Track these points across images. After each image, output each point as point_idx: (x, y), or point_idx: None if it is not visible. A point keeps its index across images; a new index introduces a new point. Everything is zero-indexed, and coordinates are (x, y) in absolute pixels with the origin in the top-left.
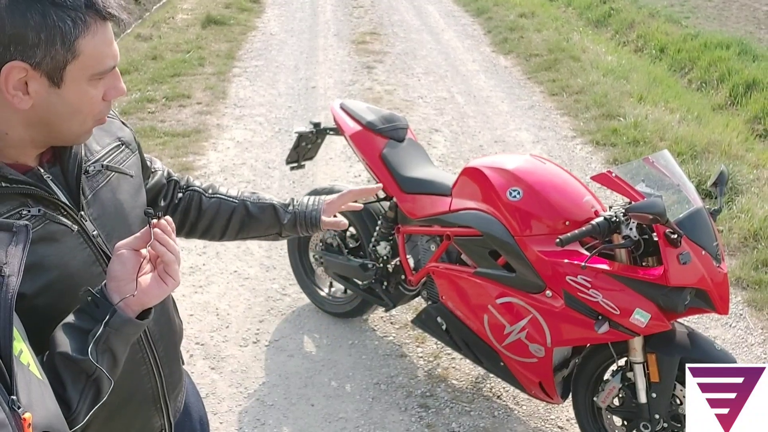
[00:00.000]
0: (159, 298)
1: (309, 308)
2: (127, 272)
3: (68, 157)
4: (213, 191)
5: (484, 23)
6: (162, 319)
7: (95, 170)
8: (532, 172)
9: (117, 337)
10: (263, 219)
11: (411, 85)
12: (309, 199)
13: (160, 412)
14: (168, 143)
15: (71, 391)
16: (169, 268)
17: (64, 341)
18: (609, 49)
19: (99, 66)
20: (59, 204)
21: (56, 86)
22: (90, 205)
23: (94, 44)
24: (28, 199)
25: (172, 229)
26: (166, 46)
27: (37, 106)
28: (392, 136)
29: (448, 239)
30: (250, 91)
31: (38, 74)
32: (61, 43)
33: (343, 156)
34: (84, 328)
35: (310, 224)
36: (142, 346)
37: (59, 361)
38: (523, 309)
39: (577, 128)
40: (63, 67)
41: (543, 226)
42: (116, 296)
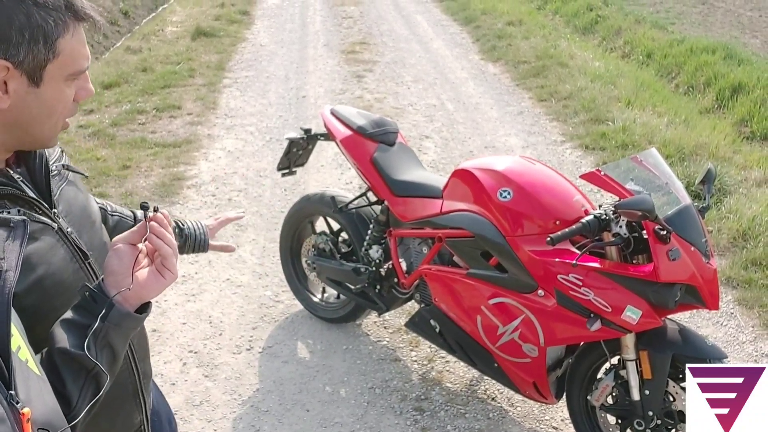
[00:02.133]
0: (157, 292)
1: (302, 314)
2: (123, 266)
3: (33, 158)
4: (112, 210)
5: (473, 32)
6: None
7: (57, 170)
8: (522, 173)
9: (116, 331)
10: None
11: (401, 93)
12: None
13: (139, 407)
14: (159, 154)
15: (71, 387)
16: (166, 262)
17: (63, 337)
18: (596, 55)
19: (75, 66)
20: (34, 203)
21: (35, 85)
22: (59, 203)
23: (71, 44)
24: (5, 200)
25: (168, 223)
26: (156, 58)
27: (14, 107)
28: (383, 140)
29: (439, 241)
30: (241, 101)
31: (19, 73)
32: (43, 42)
33: (334, 163)
34: (83, 324)
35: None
36: None
37: (58, 357)
38: (516, 309)
39: (566, 133)
40: (43, 66)
41: (534, 226)
42: (114, 291)
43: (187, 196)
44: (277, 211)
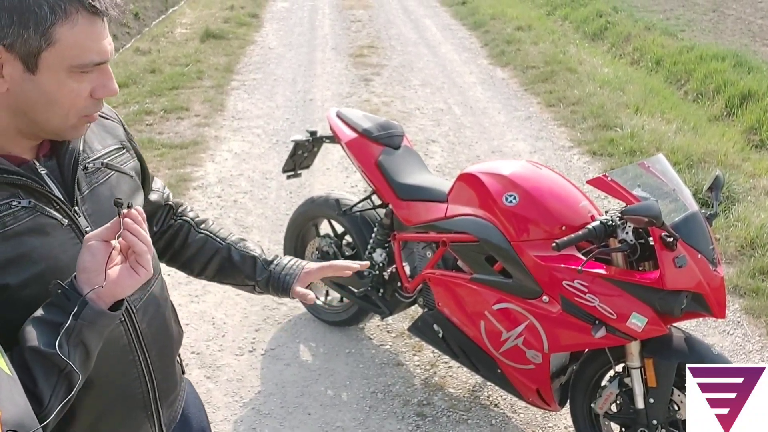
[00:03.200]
0: (131, 289)
1: (305, 317)
2: (96, 263)
3: (64, 152)
4: (204, 227)
5: (481, 36)
6: (155, 323)
7: (95, 167)
8: (528, 178)
9: (89, 330)
10: (242, 269)
11: (408, 96)
12: (289, 261)
13: (151, 420)
14: (166, 155)
15: (43, 386)
16: (140, 258)
17: (33, 335)
18: (605, 61)
19: (79, 59)
20: (51, 197)
21: (31, 72)
22: (85, 201)
23: (73, 35)
24: (19, 190)
25: (143, 219)
26: (165, 59)
27: (13, 92)
28: (388, 143)
29: (444, 245)
30: (248, 103)
31: (12, 57)
32: (34, 27)
33: (339, 167)
34: (55, 322)
35: (281, 289)
36: (133, 348)
37: (30, 355)
38: (520, 315)
39: (574, 138)
40: (37, 53)
41: (539, 231)
42: (86, 288)
43: (193, 197)
44: (282, 213)
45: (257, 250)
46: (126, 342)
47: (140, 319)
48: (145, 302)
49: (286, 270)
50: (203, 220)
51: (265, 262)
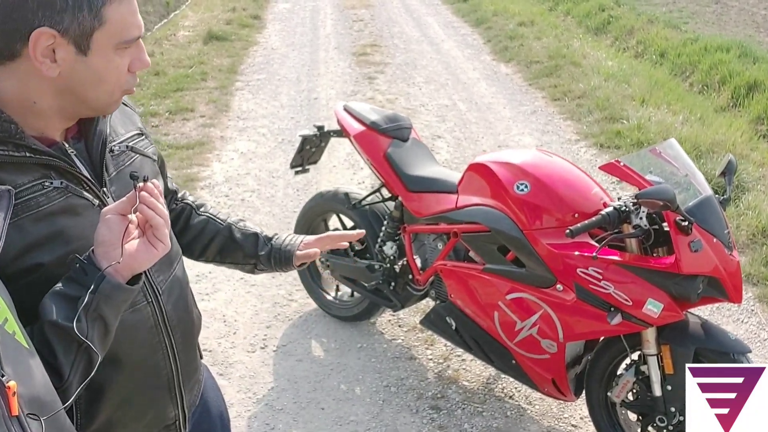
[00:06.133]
0: (149, 263)
1: (316, 313)
2: (113, 236)
3: (93, 134)
4: (204, 210)
5: (484, 33)
6: (180, 305)
7: (120, 150)
8: (539, 166)
9: (107, 303)
10: (244, 246)
11: (412, 93)
12: (288, 236)
13: (174, 401)
14: (172, 155)
15: (62, 359)
16: (157, 232)
17: (52, 309)
18: (609, 54)
19: (125, 34)
20: (82, 178)
21: (83, 54)
22: (113, 182)
23: (120, 12)
24: (51, 171)
25: (159, 193)
26: (169, 62)
27: (65, 74)
28: (396, 135)
29: (455, 236)
30: (253, 103)
31: (66, 41)
32: (88, 9)
33: (346, 164)
34: (73, 296)
35: (283, 260)
36: (159, 331)
37: (49, 329)
38: (534, 304)
39: (580, 132)
40: (90, 34)
41: (552, 219)
42: (104, 262)
43: (200, 196)
44: (289, 210)
45: (257, 228)
46: (153, 324)
47: (166, 301)
48: (170, 284)
49: (286, 242)
50: (203, 203)
51: (266, 238)
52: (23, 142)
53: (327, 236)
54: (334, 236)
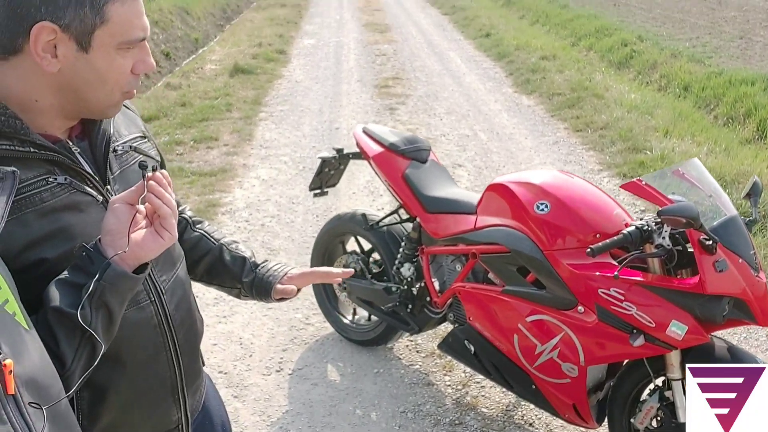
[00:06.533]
0: (155, 252)
1: (333, 337)
2: (120, 225)
3: (96, 133)
4: (200, 226)
5: (506, 66)
6: (183, 306)
7: (123, 150)
8: (560, 186)
9: (111, 291)
10: (232, 269)
11: (433, 124)
12: (274, 265)
13: (177, 404)
14: (195, 182)
15: (65, 347)
16: (164, 222)
17: (57, 296)
18: (632, 87)
19: (127, 35)
20: (85, 175)
21: (84, 51)
22: (116, 181)
23: (123, 12)
24: (55, 167)
25: (168, 183)
26: (195, 93)
27: (65, 71)
28: (415, 157)
29: (474, 258)
30: (276, 133)
31: (67, 37)
32: (90, 6)
33: (366, 191)
34: (78, 283)
35: (263, 291)
36: (163, 331)
37: (52, 316)
38: (555, 326)
39: (603, 162)
40: (91, 31)
41: (572, 240)
42: (110, 250)
43: (221, 221)
44: (308, 236)
45: (248, 252)
46: (156, 323)
47: (168, 300)
48: (172, 284)
49: (270, 272)
50: (200, 220)
51: (253, 264)
52: (28, 138)
53: (311, 272)
54: (318, 273)
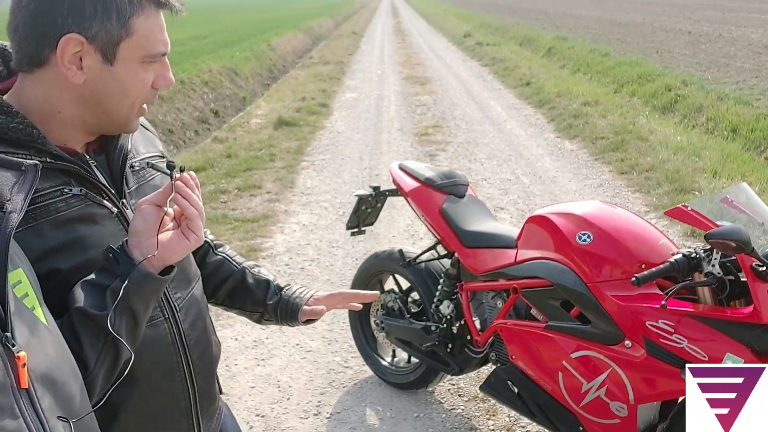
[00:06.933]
0: (181, 254)
1: (372, 380)
2: (148, 227)
3: (114, 148)
4: (222, 250)
5: (547, 113)
6: (198, 325)
7: (140, 166)
8: (602, 216)
9: (136, 293)
10: (255, 292)
11: (474, 168)
12: (299, 288)
13: (192, 429)
14: (238, 228)
15: (88, 349)
16: (191, 224)
17: (81, 297)
18: (678, 131)
19: (151, 48)
20: (101, 187)
21: (109, 63)
22: (132, 196)
23: (147, 26)
24: (71, 179)
25: (195, 185)
26: (241, 145)
27: (89, 83)
28: (452, 191)
29: (515, 293)
30: (317, 180)
31: (93, 49)
32: (116, 18)
33: (406, 234)
34: (103, 285)
35: (289, 313)
36: (177, 350)
37: (77, 317)
38: (601, 363)
39: (650, 203)
40: (117, 43)
41: (617, 271)
42: (136, 251)
43: (261, 265)
44: (347, 279)
45: (270, 275)
46: (170, 341)
47: (183, 318)
48: (187, 302)
49: (296, 294)
50: (221, 244)
51: (277, 287)
52: (45, 147)
53: (339, 294)
54: (346, 294)
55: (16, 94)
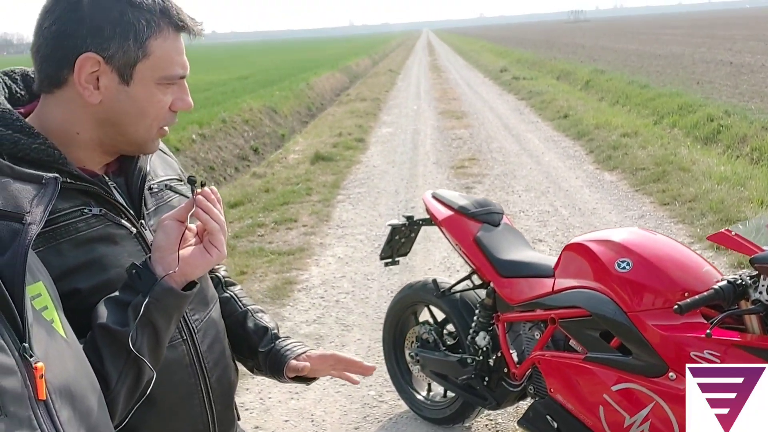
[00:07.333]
0: (203, 269)
1: (407, 415)
2: (170, 242)
3: (133, 170)
4: (232, 288)
5: (586, 144)
6: (216, 348)
7: (158, 188)
8: (642, 243)
9: (158, 308)
10: (252, 338)
11: (511, 201)
12: (292, 342)
13: None
14: (274, 261)
15: (109, 366)
16: (213, 238)
17: (105, 314)
18: (721, 161)
19: (168, 70)
20: (120, 207)
21: (125, 83)
22: (151, 217)
23: (165, 48)
24: (91, 199)
25: (217, 199)
26: (278, 180)
27: (106, 103)
28: (486, 220)
29: (553, 323)
30: (353, 213)
31: (109, 69)
32: (133, 40)
33: (442, 266)
34: (126, 301)
35: (276, 366)
36: (195, 372)
37: (99, 333)
38: (644, 396)
39: (694, 234)
40: (133, 64)
41: (659, 299)
42: (159, 267)
43: (297, 298)
44: (382, 312)
45: (272, 323)
46: (188, 362)
47: (201, 340)
48: (205, 324)
49: (288, 347)
50: (233, 282)
51: (274, 335)
52: (65, 168)
53: (332, 355)
54: (340, 358)
55: (37, 116)
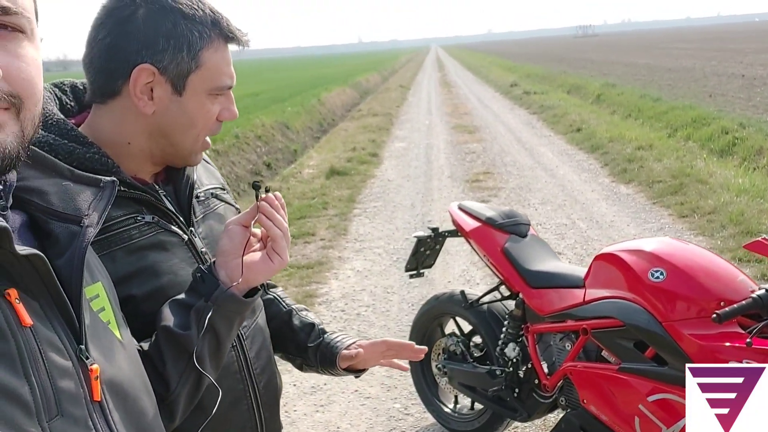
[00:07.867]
0: (265, 276)
1: (434, 427)
2: (234, 247)
3: (181, 179)
4: (273, 290)
5: (600, 158)
6: (263, 354)
7: (205, 197)
8: (674, 252)
9: (219, 313)
10: (299, 335)
11: (528, 214)
12: (341, 334)
13: None
14: (293, 275)
15: (170, 369)
16: (276, 245)
17: (168, 316)
18: (738, 173)
19: (218, 81)
20: (171, 215)
21: (178, 94)
22: (199, 224)
23: (216, 59)
24: (143, 207)
25: (281, 205)
26: (294, 195)
27: (159, 114)
28: (514, 231)
29: (584, 334)
30: (370, 227)
31: (164, 80)
32: (187, 51)
33: (462, 279)
34: (189, 304)
35: (328, 357)
36: (243, 378)
37: (162, 335)
38: (681, 406)
39: (714, 246)
40: (186, 75)
41: (694, 309)
42: (222, 272)
43: (318, 311)
44: (404, 324)
45: (317, 319)
46: (237, 369)
47: (249, 347)
48: (252, 332)
49: (337, 339)
50: (274, 284)
51: (321, 330)
52: (119, 176)
53: (383, 342)
54: (391, 343)
55: (89, 126)
